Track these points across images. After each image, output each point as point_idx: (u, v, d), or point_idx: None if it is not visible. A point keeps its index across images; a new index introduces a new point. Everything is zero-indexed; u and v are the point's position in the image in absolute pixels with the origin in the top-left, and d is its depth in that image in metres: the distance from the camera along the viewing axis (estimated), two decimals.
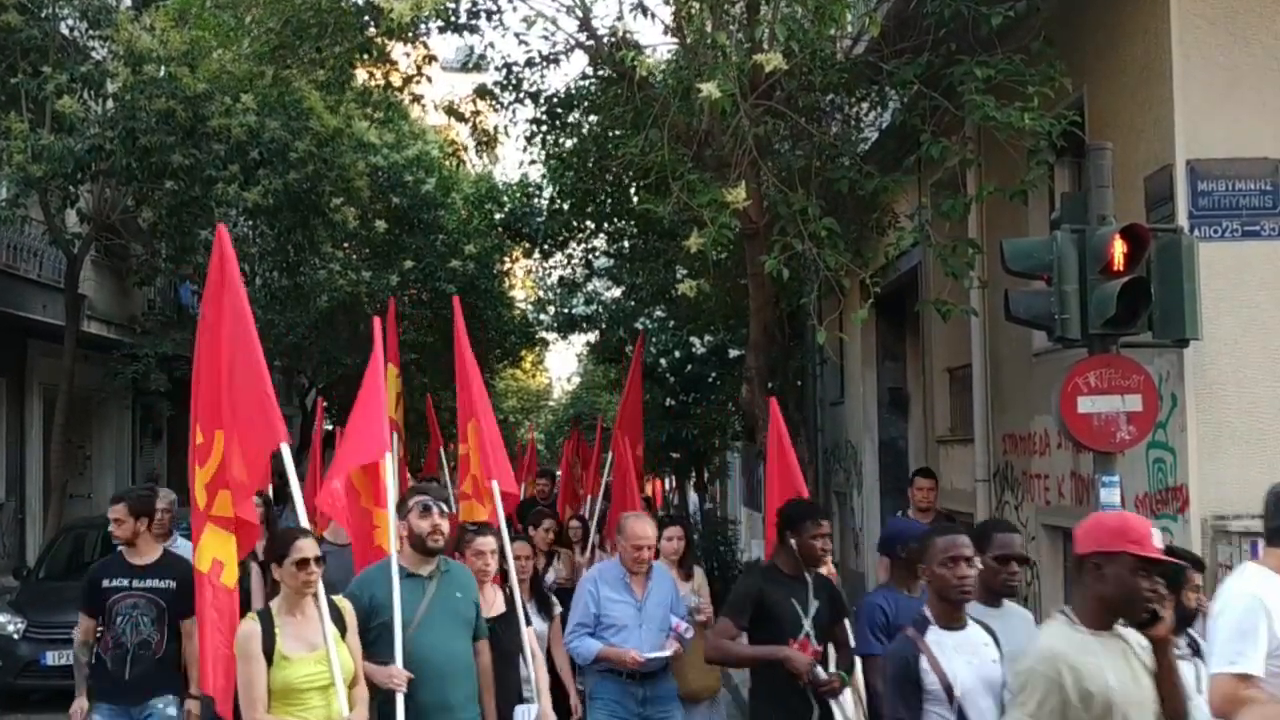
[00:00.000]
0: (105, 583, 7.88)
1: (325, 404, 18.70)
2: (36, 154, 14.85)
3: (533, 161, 18.37)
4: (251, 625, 6.01)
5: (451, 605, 6.73)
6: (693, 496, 34.65)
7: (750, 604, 6.84)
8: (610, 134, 14.92)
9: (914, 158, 12.09)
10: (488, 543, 7.77)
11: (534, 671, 7.65)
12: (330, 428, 19.17)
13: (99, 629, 7.92)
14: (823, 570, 7.26)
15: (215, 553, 6.75)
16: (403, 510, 6.76)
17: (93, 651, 7.93)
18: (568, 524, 12.53)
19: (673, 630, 8.24)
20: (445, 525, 6.70)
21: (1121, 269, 8.03)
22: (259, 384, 6.59)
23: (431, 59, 15.34)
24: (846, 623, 7.25)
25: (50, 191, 16.22)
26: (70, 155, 15.26)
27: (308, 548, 6.01)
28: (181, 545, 8.95)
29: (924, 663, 5.16)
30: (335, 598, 6.26)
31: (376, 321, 8.17)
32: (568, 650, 8.42)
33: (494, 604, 7.65)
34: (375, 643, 6.46)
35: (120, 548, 8.08)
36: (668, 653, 8.16)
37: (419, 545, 6.66)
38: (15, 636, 13.85)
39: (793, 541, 6.90)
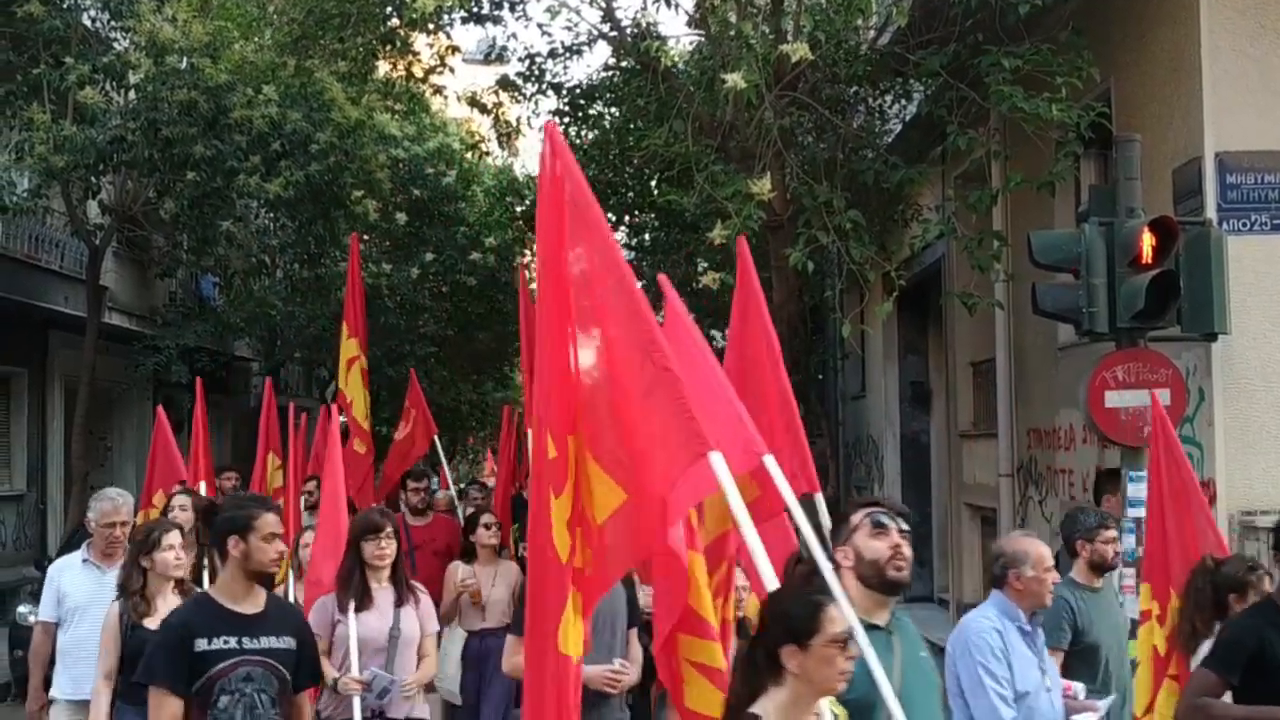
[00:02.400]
0: (203, 644, 5.13)
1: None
2: (58, 145, 14.85)
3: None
4: None
5: (924, 670, 4.50)
6: None
7: (1245, 656, 5.33)
8: (633, 125, 14.91)
9: (939, 150, 12.03)
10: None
11: None
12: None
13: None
14: None
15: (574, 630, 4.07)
16: (841, 531, 4.48)
17: None
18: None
19: (1065, 692, 5.83)
20: (907, 547, 4.45)
21: (1150, 262, 7.96)
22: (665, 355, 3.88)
23: (454, 50, 15.32)
24: None
25: (72, 183, 16.23)
26: (92, 146, 15.27)
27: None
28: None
29: None
30: (837, 709, 3.90)
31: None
32: None
33: None
34: None
35: (207, 588, 5.73)
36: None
37: (876, 580, 4.35)
38: None
39: None
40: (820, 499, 5.88)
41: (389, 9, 12.99)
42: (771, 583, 3.89)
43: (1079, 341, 9.82)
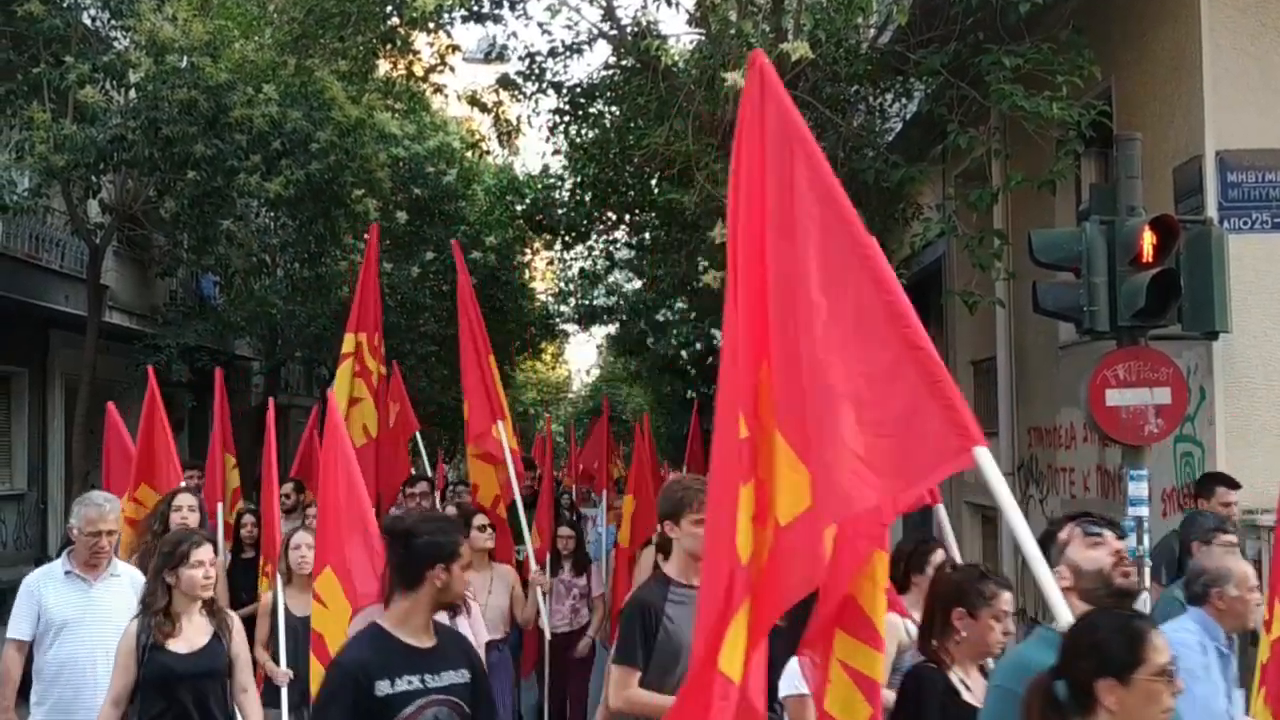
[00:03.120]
0: (385, 687, 4.48)
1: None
2: (59, 144, 14.85)
3: (555, 152, 18.35)
4: None
5: None
6: None
7: None
8: (633, 124, 14.87)
9: (939, 148, 12.01)
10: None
11: None
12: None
13: None
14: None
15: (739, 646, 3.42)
16: (1050, 551, 3.96)
17: None
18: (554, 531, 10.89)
19: None
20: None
21: (1151, 261, 7.95)
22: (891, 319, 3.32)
23: (454, 49, 15.31)
24: None
25: (72, 182, 16.22)
26: (92, 145, 15.27)
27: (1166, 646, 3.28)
28: (124, 573, 6.70)
29: None
30: None
31: None
32: None
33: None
34: None
35: (376, 618, 4.80)
36: None
37: (1103, 591, 3.88)
38: None
39: None
40: (941, 510, 5.80)
41: (389, 8, 12.97)
42: (1062, 607, 3.29)
43: (1080, 340, 9.82)
